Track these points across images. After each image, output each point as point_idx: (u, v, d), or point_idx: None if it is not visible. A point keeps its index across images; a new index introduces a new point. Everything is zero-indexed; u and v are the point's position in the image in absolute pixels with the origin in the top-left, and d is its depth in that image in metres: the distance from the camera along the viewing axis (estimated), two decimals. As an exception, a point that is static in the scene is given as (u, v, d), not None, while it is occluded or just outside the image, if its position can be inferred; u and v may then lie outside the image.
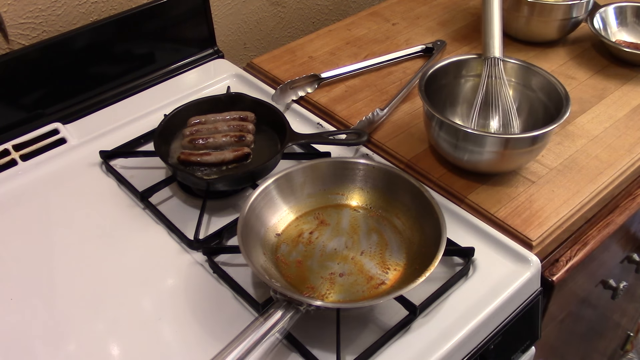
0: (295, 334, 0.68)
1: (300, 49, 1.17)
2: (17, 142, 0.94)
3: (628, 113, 0.99)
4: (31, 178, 0.90)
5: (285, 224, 0.79)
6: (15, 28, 0.95)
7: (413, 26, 1.23)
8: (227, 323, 0.70)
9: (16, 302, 0.73)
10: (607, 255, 1.00)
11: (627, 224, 0.94)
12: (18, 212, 0.85)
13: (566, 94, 0.84)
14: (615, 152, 0.91)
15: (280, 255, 0.75)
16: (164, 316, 0.71)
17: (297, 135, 0.89)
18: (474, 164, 0.85)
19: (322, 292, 0.70)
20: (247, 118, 0.92)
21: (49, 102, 0.98)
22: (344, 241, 0.77)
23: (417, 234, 0.76)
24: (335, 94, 1.05)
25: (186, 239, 0.79)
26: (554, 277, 0.82)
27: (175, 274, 0.76)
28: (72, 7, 1.00)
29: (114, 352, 0.68)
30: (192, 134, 0.89)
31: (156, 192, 0.85)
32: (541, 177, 0.87)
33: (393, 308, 0.70)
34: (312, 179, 0.81)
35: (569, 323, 1.08)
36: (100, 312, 0.72)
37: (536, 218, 0.81)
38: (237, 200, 0.86)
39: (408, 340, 0.68)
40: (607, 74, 1.08)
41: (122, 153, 0.93)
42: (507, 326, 0.74)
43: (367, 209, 0.81)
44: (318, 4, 1.40)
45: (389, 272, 0.73)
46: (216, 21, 1.20)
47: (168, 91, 1.07)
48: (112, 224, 0.83)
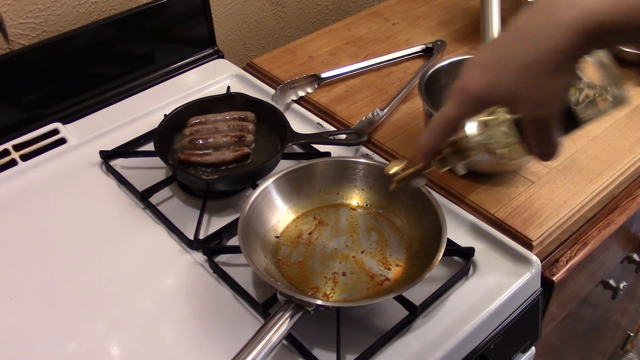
0: (295, 334, 0.67)
1: (300, 49, 1.17)
2: (17, 142, 0.94)
3: (628, 113, 0.98)
4: (31, 178, 0.90)
5: (285, 224, 0.79)
6: (15, 28, 0.95)
7: (413, 26, 1.23)
8: (227, 323, 0.70)
9: (16, 302, 0.73)
10: (607, 255, 1.00)
11: (627, 224, 0.94)
12: (18, 212, 0.85)
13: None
14: (616, 152, 0.91)
15: (281, 256, 0.75)
16: (164, 316, 0.71)
17: (297, 135, 0.89)
18: (474, 164, 0.85)
19: (327, 292, 0.70)
20: (247, 118, 0.92)
21: (49, 102, 0.98)
22: (344, 240, 0.77)
23: (417, 232, 0.76)
24: (335, 94, 1.05)
25: (186, 239, 0.79)
26: (554, 277, 0.82)
27: (175, 274, 0.76)
28: (72, 7, 1.00)
29: (114, 352, 0.68)
30: (192, 134, 0.89)
31: (156, 192, 0.85)
32: (541, 177, 0.87)
33: (393, 308, 0.70)
34: (312, 179, 0.81)
35: (569, 323, 1.08)
36: (100, 312, 0.72)
37: (536, 218, 0.81)
38: (237, 200, 0.86)
39: (408, 340, 0.68)
40: (607, 74, 1.07)
41: (122, 153, 0.93)
42: (507, 326, 0.74)
43: (365, 208, 0.81)
44: (318, 4, 1.40)
45: (391, 269, 0.73)
46: (216, 21, 1.20)
47: (168, 91, 1.07)
48: (112, 224, 0.83)
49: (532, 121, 0.52)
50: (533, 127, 0.53)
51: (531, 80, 0.49)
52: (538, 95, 0.49)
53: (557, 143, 0.54)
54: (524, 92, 0.50)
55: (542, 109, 0.50)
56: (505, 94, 0.51)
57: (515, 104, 0.52)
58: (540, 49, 0.47)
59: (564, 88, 0.50)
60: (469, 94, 0.53)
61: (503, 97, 0.52)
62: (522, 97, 0.50)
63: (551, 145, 0.54)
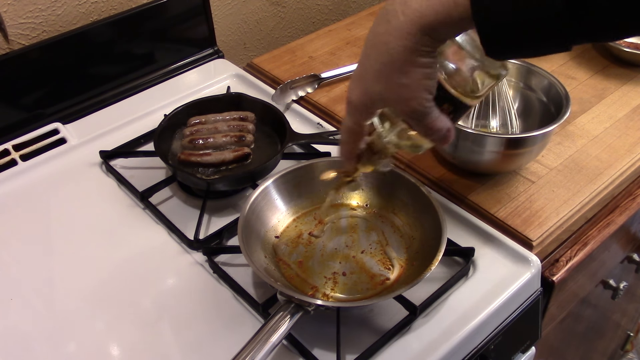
0: (295, 334, 0.67)
1: (300, 49, 1.17)
2: (17, 142, 0.94)
3: (628, 113, 0.98)
4: (31, 178, 0.90)
5: (285, 224, 0.79)
6: (15, 28, 0.95)
7: (413, 26, 1.23)
8: (227, 323, 0.70)
9: (16, 302, 0.73)
10: (607, 255, 1.00)
11: (627, 224, 0.94)
12: (18, 212, 0.85)
13: (566, 94, 0.84)
14: (615, 152, 0.91)
15: (281, 256, 0.75)
16: (164, 316, 0.71)
17: (297, 135, 0.89)
18: (474, 164, 0.85)
19: (327, 292, 0.70)
20: (247, 118, 0.92)
21: (49, 102, 0.98)
22: (344, 240, 0.77)
23: (417, 232, 0.76)
24: (335, 94, 1.05)
25: (186, 239, 0.79)
26: (554, 277, 0.82)
27: (175, 274, 0.76)
28: (72, 7, 1.00)
29: (114, 352, 0.68)
30: (192, 134, 0.89)
31: (156, 192, 0.85)
32: (541, 177, 0.87)
33: (393, 308, 0.70)
34: (312, 179, 0.81)
35: (569, 323, 1.08)
36: (100, 312, 0.72)
37: (536, 218, 0.81)
38: (237, 200, 0.86)
39: (408, 340, 0.68)
40: (607, 74, 1.08)
41: (122, 153, 0.93)
42: (507, 326, 0.74)
43: (365, 208, 0.81)
44: (318, 4, 1.40)
45: (391, 269, 0.73)
46: (216, 21, 1.20)
47: (168, 91, 1.07)
48: (112, 224, 0.83)
49: (409, 115, 0.57)
50: (412, 120, 0.58)
51: (388, 81, 0.55)
52: (400, 92, 0.55)
53: (444, 127, 0.58)
54: (388, 93, 0.56)
55: (410, 103, 0.55)
56: (376, 97, 0.57)
57: (389, 104, 0.58)
58: (386, 53, 0.54)
59: (421, 79, 0.54)
60: (352, 104, 0.59)
61: (377, 100, 0.58)
62: (389, 97, 0.56)
63: (438, 130, 0.57)
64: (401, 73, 0.54)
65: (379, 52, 0.55)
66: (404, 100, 0.55)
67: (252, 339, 0.60)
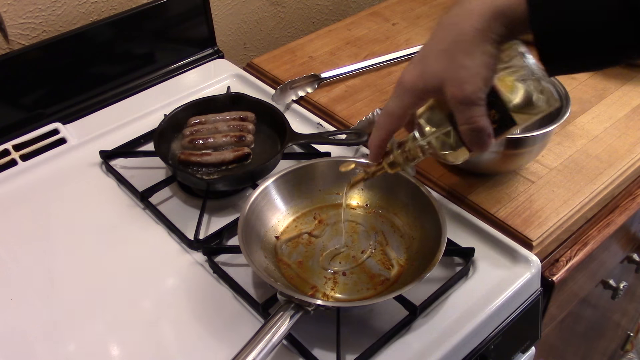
0: (295, 334, 0.67)
1: (300, 49, 1.17)
2: (17, 142, 0.94)
3: (628, 113, 0.98)
4: (31, 178, 0.90)
5: (285, 224, 0.79)
6: (15, 28, 0.95)
7: (413, 26, 1.23)
8: (227, 323, 0.70)
9: (16, 302, 0.73)
10: (607, 255, 1.00)
11: (627, 224, 0.94)
12: (18, 212, 0.85)
13: (566, 94, 0.84)
14: (615, 152, 0.91)
15: (281, 256, 0.75)
16: (164, 316, 0.71)
17: (297, 135, 0.89)
18: (474, 164, 0.85)
19: (327, 292, 0.70)
20: (247, 118, 0.92)
21: (49, 102, 0.98)
22: (344, 240, 0.77)
23: (417, 232, 0.76)
24: (335, 94, 1.05)
25: (186, 239, 0.79)
26: (554, 277, 0.82)
27: (175, 274, 0.76)
28: (72, 7, 1.00)
29: (114, 352, 0.68)
30: (192, 134, 0.89)
31: (156, 192, 0.85)
32: (541, 177, 0.87)
33: (393, 308, 0.70)
34: (312, 179, 0.81)
35: (569, 323, 1.08)
36: (100, 312, 0.72)
37: (536, 218, 0.81)
38: (237, 200, 0.86)
39: (408, 340, 0.68)
40: (607, 74, 1.07)
41: (122, 153, 0.93)
42: (507, 326, 0.74)
43: (365, 208, 0.81)
44: (318, 4, 1.40)
45: (391, 269, 0.73)
46: (216, 21, 1.20)
47: (168, 91, 1.07)
48: (112, 224, 0.83)
49: (459, 100, 0.56)
50: (460, 105, 0.56)
51: (451, 60, 0.55)
52: (459, 73, 0.55)
53: (486, 128, 0.57)
54: (446, 73, 0.56)
55: (465, 87, 0.55)
56: (432, 79, 0.57)
57: (442, 88, 0.57)
58: (455, 32, 0.55)
59: (482, 66, 0.55)
60: (402, 85, 0.59)
61: (431, 84, 0.57)
62: (445, 78, 0.56)
63: (480, 130, 0.57)
64: (466, 54, 0.54)
65: (447, 32, 0.56)
66: (460, 82, 0.55)
67: (252, 339, 0.60)
